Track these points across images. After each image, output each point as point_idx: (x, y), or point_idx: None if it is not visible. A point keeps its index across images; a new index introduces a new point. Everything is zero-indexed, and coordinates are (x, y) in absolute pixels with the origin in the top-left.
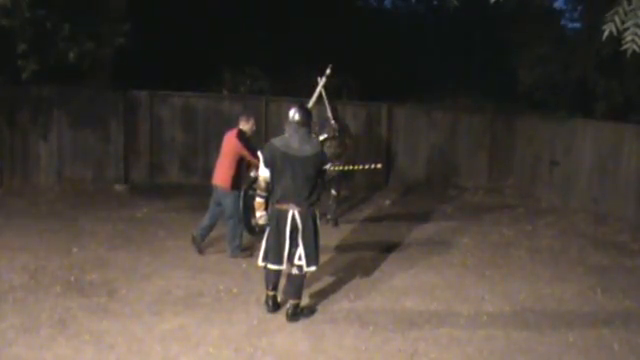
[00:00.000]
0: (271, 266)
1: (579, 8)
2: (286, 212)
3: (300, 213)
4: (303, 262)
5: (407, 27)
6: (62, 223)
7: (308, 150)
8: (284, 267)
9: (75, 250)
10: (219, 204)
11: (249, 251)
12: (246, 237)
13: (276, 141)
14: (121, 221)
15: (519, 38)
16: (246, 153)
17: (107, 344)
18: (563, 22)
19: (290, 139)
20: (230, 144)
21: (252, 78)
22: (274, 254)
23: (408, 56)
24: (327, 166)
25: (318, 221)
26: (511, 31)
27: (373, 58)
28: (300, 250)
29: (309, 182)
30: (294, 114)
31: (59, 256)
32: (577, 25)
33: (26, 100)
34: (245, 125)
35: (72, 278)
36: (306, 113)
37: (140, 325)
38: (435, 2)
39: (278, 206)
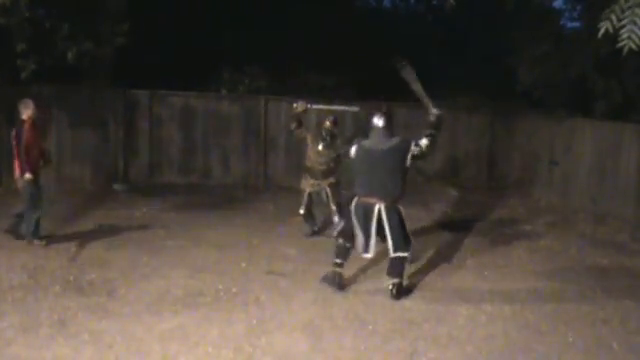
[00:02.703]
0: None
1: (578, 7)
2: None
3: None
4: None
5: (406, 27)
6: (61, 222)
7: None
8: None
9: (74, 249)
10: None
11: (45, 240)
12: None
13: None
14: (120, 220)
15: (518, 37)
16: (15, 143)
17: (106, 343)
18: (562, 21)
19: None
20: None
21: (251, 77)
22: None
23: (407, 56)
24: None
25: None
26: (510, 30)
27: (372, 57)
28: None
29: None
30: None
31: (58, 255)
32: (576, 24)
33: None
34: (26, 113)
35: (71, 278)
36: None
37: (139, 324)
38: (434, 2)
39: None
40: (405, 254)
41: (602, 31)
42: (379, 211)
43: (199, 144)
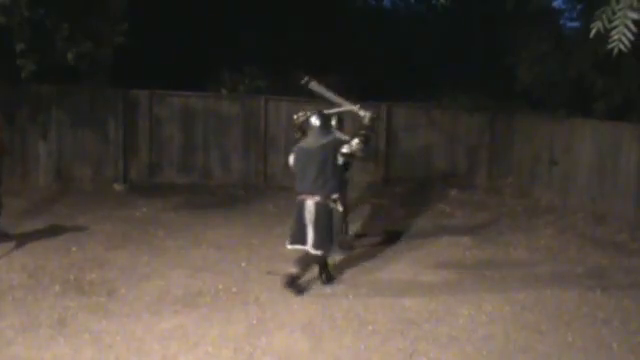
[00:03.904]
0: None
1: (578, 7)
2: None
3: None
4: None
5: (406, 26)
6: (61, 222)
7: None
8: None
9: (74, 249)
10: None
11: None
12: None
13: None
14: (120, 220)
15: (518, 37)
16: None
17: (106, 343)
18: (562, 21)
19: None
20: None
21: (251, 77)
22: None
23: (407, 55)
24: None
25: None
26: (510, 30)
27: (372, 57)
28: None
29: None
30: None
31: (58, 255)
32: (576, 24)
33: (25, 99)
34: None
35: (71, 277)
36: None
37: (139, 324)
38: (434, 1)
39: None
40: (319, 253)
41: (594, 31)
42: (310, 207)
43: (199, 144)
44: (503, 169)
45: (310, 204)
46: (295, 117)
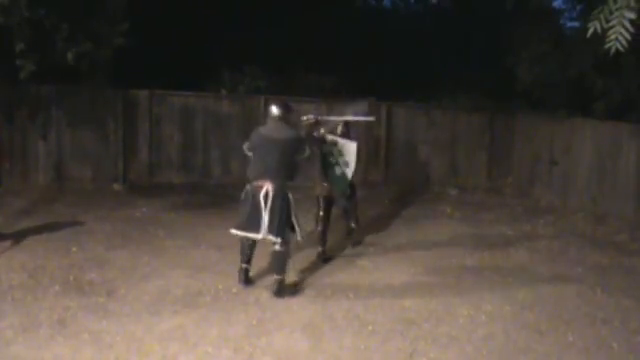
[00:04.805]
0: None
1: (578, 7)
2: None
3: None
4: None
5: (406, 26)
6: (61, 222)
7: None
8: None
9: (74, 249)
10: None
11: None
12: None
13: None
14: (120, 220)
15: (518, 37)
16: None
17: (106, 343)
18: (562, 21)
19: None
20: None
21: (251, 77)
22: None
23: (407, 55)
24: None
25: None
26: (510, 30)
27: (372, 57)
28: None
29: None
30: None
31: (58, 255)
32: (576, 24)
33: (25, 99)
34: None
35: (71, 277)
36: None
37: (139, 324)
38: (434, 1)
39: None
40: (276, 239)
41: (591, 31)
42: (266, 192)
43: (199, 144)
44: (503, 169)
45: (267, 189)
46: (304, 119)
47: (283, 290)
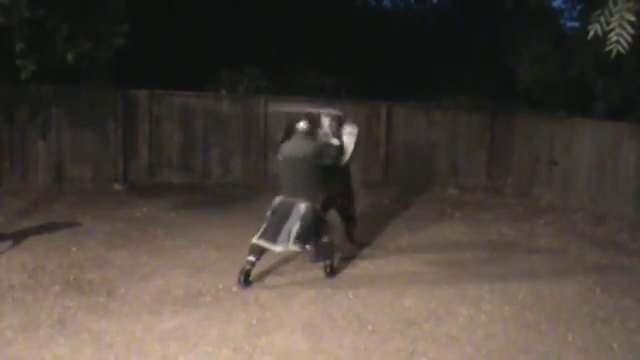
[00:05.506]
0: None
1: (578, 7)
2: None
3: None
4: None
5: (406, 26)
6: (61, 222)
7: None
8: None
9: (74, 249)
10: None
11: None
12: None
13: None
14: (120, 220)
15: (518, 37)
16: None
17: (106, 343)
18: (562, 21)
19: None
20: None
21: (250, 77)
22: None
23: (407, 55)
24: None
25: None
26: (510, 30)
27: (372, 57)
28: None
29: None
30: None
31: (58, 255)
32: (576, 24)
33: (25, 99)
34: None
35: (71, 277)
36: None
37: (139, 324)
38: (434, 1)
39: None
40: (301, 249)
41: (592, 33)
42: (299, 208)
43: (199, 144)
44: (503, 169)
45: (300, 206)
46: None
47: (334, 272)
